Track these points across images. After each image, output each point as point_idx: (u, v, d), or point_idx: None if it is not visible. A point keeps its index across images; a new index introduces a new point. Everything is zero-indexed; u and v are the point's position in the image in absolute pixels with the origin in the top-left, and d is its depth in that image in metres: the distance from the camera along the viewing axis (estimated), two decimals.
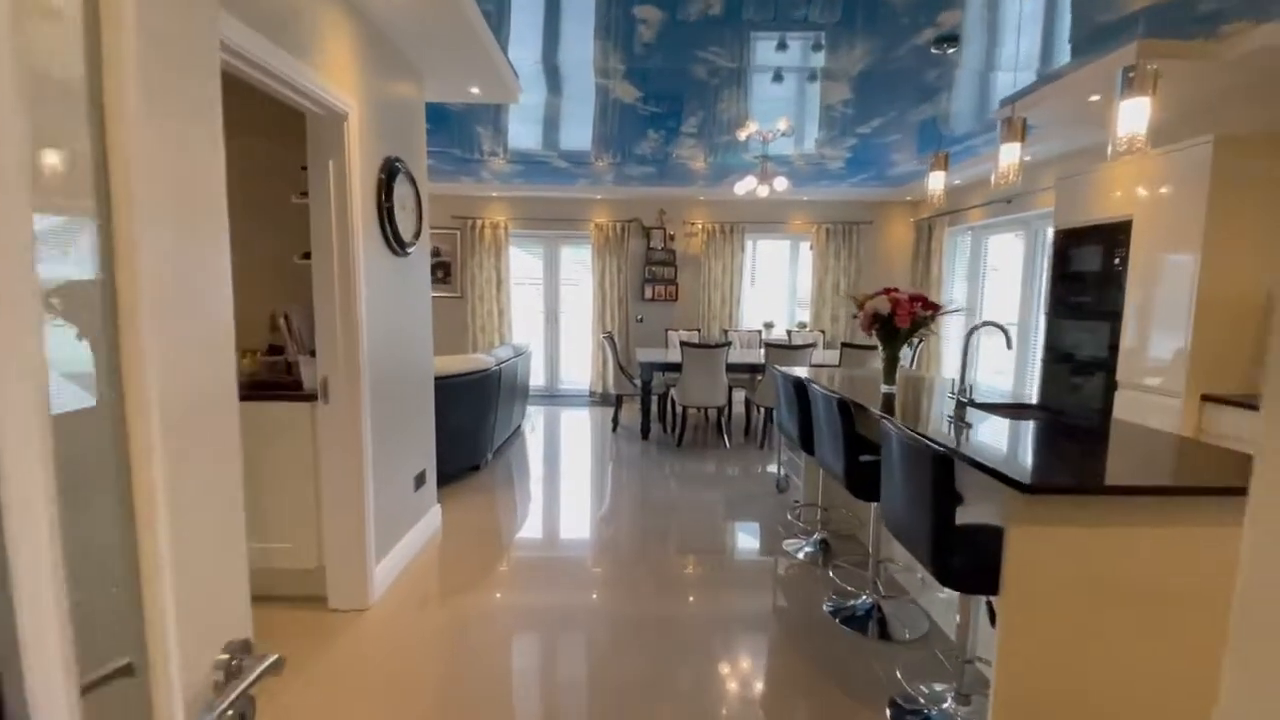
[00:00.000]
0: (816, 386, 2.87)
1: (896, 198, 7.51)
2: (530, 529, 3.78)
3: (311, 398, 2.65)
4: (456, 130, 4.98)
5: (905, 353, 5.73)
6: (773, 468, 5.19)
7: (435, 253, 7.70)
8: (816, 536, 3.45)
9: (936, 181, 3.54)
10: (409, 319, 3.21)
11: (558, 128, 4.88)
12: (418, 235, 3.22)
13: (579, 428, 6.48)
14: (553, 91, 3.98)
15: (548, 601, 2.88)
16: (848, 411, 2.57)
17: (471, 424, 4.61)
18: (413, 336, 3.27)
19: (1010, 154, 2.72)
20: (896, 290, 3.21)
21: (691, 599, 2.90)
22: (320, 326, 2.60)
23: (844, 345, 5.48)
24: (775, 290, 8.06)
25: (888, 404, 2.94)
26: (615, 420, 6.20)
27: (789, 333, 7.17)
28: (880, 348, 3.25)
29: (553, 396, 8.00)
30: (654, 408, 6.08)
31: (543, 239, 7.88)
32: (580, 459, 5.34)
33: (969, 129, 4.89)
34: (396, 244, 2.97)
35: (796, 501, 4.09)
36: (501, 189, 7.29)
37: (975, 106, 4.45)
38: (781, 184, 5.34)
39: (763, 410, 5.81)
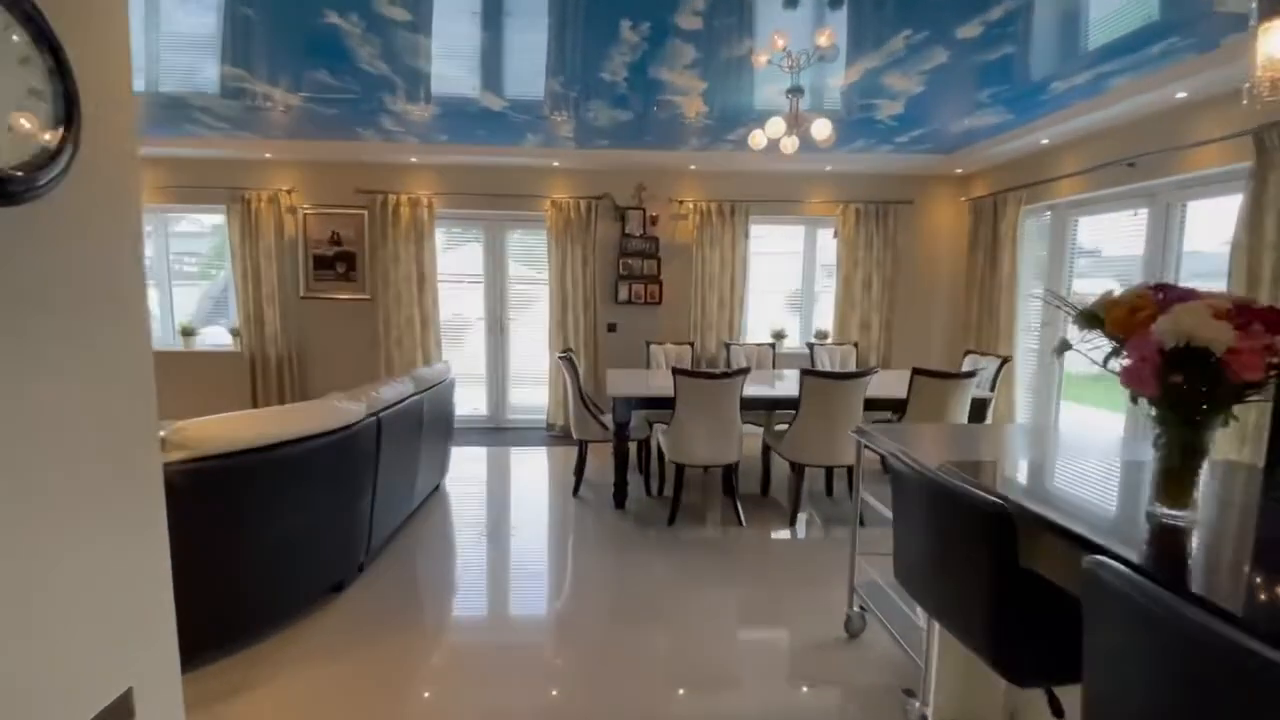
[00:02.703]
0: (1134, 594, 1.00)
1: (944, 170, 5.77)
2: None
3: None
4: (348, 53, 3.06)
5: (958, 399, 3.96)
6: (801, 527, 3.39)
7: (334, 239, 5.72)
8: None
9: None
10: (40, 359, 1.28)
11: (495, 25, 3.00)
12: (61, 151, 1.28)
13: (528, 484, 4.59)
14: None
15: None
16: None
17: (323, 521, 2.70)
18: (55, 398, 1.34)
19: None
20: (1197, 293, 1.40)
21: None
22: None
23: (917, 372, 3.68)
24: (783, 289, 6.27)
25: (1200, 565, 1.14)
26: (578, 477, 4.31)
27: (810, 346, 5.38)
28: (1154, 419, 1.43)
29: (499, 430, 6.09)
30: (632, 453, 4.23)
31: (482, 221, 5.95)
32: (521, 551, 3.45)
33: (1068, 63, 3.13)
34: None
35: (910, 695, 2.24)
36: (423, 152, 5.35)
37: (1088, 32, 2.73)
38: (823, 129, 3.53)
39: (788, 463, 3.98)
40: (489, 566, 3.27)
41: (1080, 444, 2.22)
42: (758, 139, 3.76)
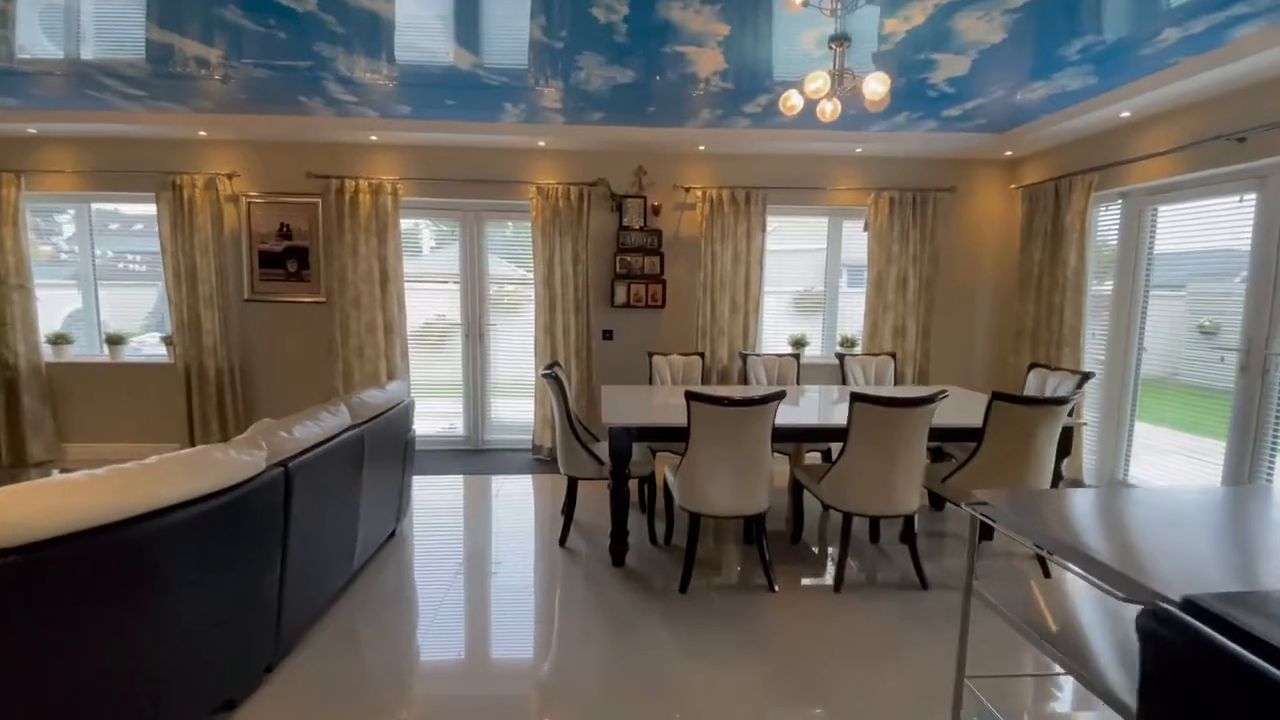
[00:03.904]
0: None
1: (991, 152, 5.00)
2: None
3: None
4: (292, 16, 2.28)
5: (1047, 431, 3.19)
6: (849, 591, 2.58)
7: (283, 232, 4.91)
8: None
9: None
10: None
11: None
12: None
13: (507, 526, 3.78)
14: None
15: None
16: None
17: (202, 618, 1.89)
18: None
19: None
20: None
21: None
22: None
23: (998, 398, 2.88)
24: (793, 289, 5.48)
25: None
26: (567, 520, 3.51)
27: (840, 358, 4.59)
28: None
29: (477, 454, 5.28)
30: (633, 486, 3.42)
31: (456, 212, 5.15)
32: (493, 624, 2.64)
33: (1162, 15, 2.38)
34: None
35: None
36: (384, 129, 4.54)
37: None
38: (878, 85, 2.77)
39: (822, 504, 3.18)
40: (449, 649, 2.47)
41: None
42: (791, 102, 2.99)
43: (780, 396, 2.73)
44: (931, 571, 3.16)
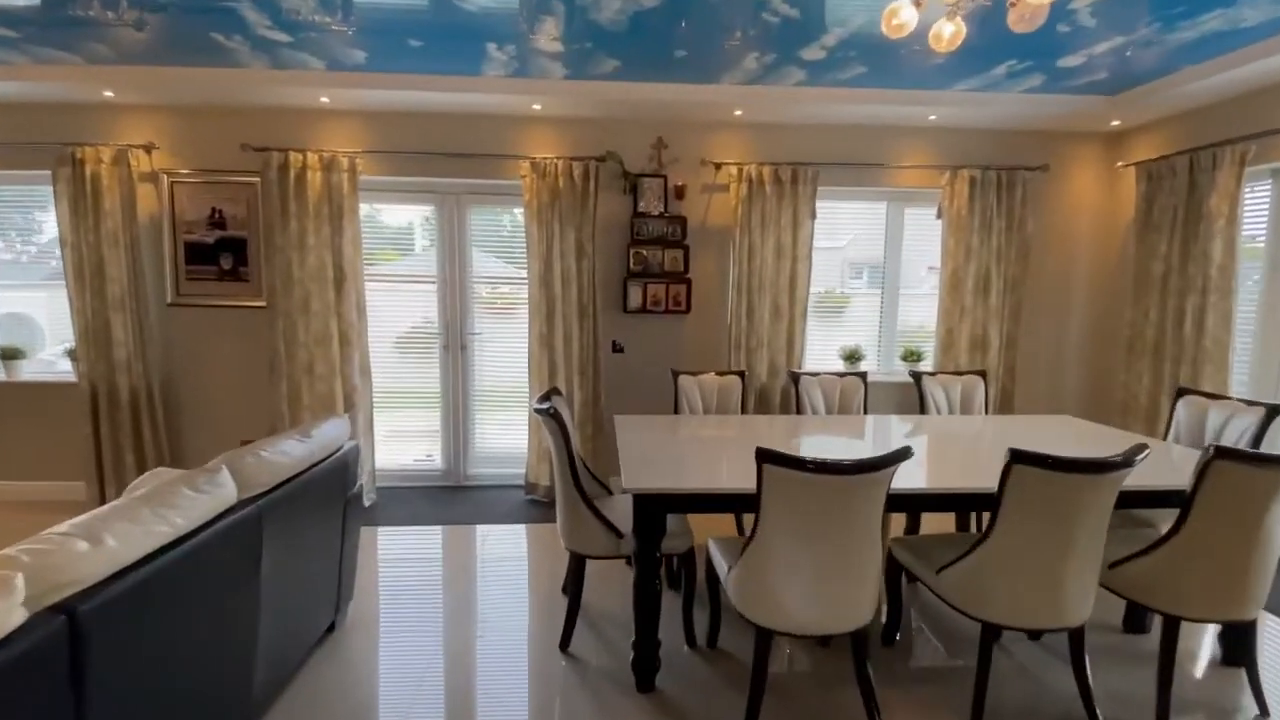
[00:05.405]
0: None
1: (1094, 122, 4.03)
2: None
3: None
4: None
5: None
6: None
7: (215, 219, 3.94)
8: None
9: None
10: None
11: None
12: None
13: (488, 611, 2.80)
14: None
15: None
16: None
17: None
18: None
19: None
20: None
21: None
22: None
23: (1221, 454, 1.92)
24: (819, 288, 4.53)
25: None
26: (571, 616, 2.52)
27: (915, 377, 3.62)
28: None
29: (458, 492, 4.31)
30: (658, 567, 2.42)
31: (431, 194, 4.18)
32: None
33: None
34: None
35: None
36: (337, 86, 3.56)
37: None
38: None
39: (929, 589, 2.20)
40: None
41: None
42: (900, 18, 2.06)
43: (904, 456, 1.77)
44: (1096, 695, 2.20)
